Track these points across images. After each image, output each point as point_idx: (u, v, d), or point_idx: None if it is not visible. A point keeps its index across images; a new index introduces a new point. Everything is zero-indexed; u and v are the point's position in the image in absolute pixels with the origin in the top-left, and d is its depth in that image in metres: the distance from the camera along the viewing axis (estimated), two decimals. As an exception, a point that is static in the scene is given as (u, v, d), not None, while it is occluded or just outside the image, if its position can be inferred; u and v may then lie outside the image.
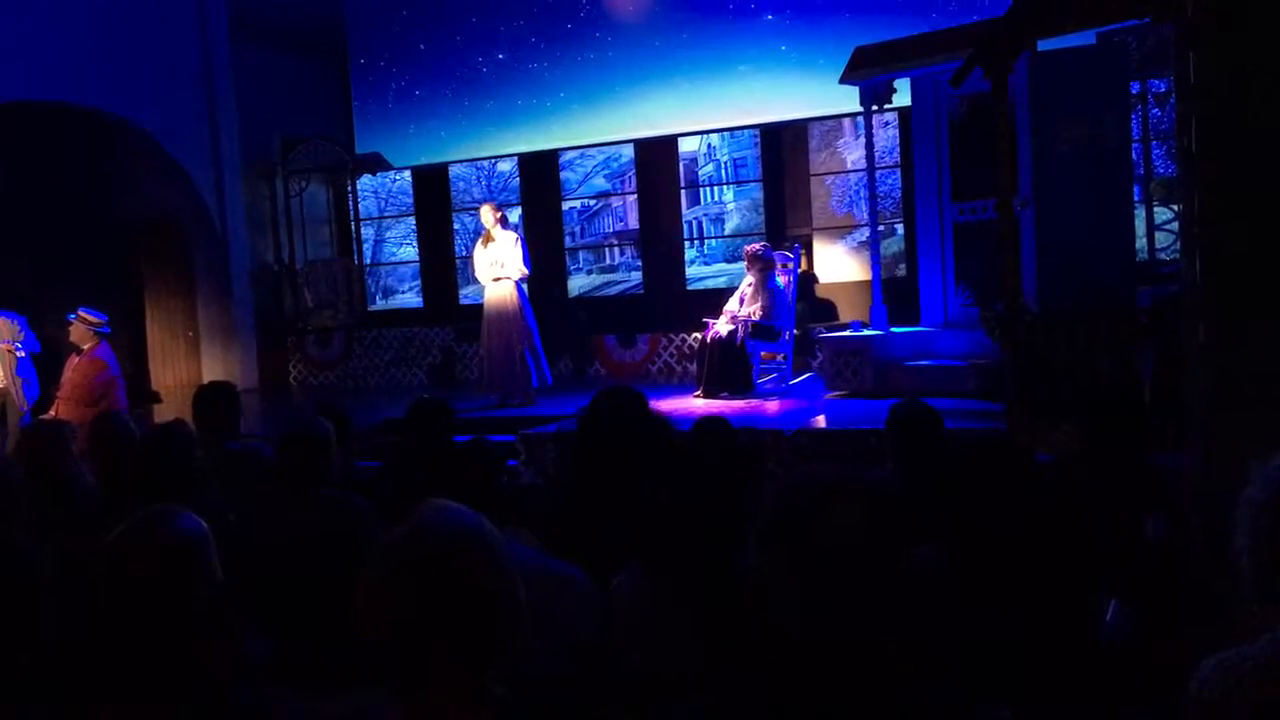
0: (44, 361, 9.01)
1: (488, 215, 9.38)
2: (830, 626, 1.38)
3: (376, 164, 13.71)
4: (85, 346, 8.09)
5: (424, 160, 13.56)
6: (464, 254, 13.19)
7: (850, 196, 11.42)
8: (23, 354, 8.65)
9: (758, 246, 9.25)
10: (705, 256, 12.34)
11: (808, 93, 11.02)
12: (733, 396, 8.64)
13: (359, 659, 2.18)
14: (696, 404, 8.54)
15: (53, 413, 7.77)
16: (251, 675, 2.02)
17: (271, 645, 2.42)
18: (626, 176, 12.66)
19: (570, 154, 12.83)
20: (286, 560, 3.19)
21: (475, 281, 10.07)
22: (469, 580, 1.49)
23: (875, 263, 9.37)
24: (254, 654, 2.29)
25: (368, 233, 14.12)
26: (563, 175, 12.93)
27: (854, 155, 11.24)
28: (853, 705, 1.37)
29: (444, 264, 13.63)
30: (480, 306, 9.68)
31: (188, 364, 13.28)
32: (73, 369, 8.09)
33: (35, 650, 2.27)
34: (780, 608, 1.41)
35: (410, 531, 1.54)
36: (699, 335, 9.41)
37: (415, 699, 1.49)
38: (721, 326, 8.89)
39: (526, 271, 9.35)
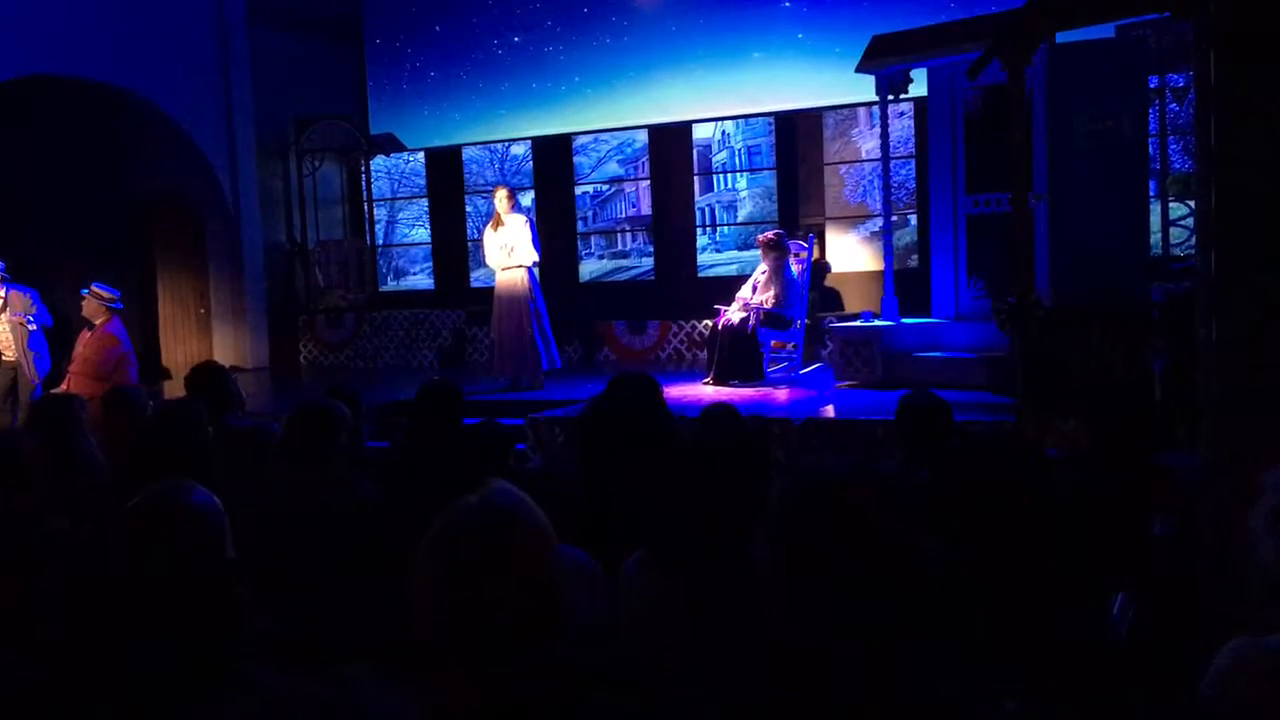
0: (56, 335, 9.04)
1: (502, 201, 9.34)
2: (838, 618, 1.38)
3: (390, 145, 13.71)
4: (97, 321, 8.12)
5: (437, 142, 13.55)
6: (476, 236, 13.19)
7: (864, 186, 11.39)
8: (35, 327, 8.69)
9: (773, 234, 9.22)
10: (717, 244, 12.32)
11: (823, 81, 10.98)
12: (742, 385, 8.63)
13: (353, 636, 2.19)
14: (706, 391, 8.53)
15: (64, 387, 7.80)
16: (250, 650, 2.03)
17: (269, 621, 2.43)
18: (640, 162, 12.64)
19: (584, 139, 12.81)
20: (287, 537, 3.20)
21: (483, 263, 10.03)
22: (530, 564, 1.50)
23: (888, 253, 9.34)
24: (253, 629, 2.30)
25: (380, 214, 14.13)
26: (576, 160, 12.92)
27: (868, 145, 11.21)
28: (859, 696, 1.37)
29: (456, 246, 13.63)
30: (491, 289, 9.68)
31: (198, 342, 13.32)
32: (84, 344, 8.12)
33: (44, 624, 2.28)
34: (788, 598, 1.41)
35: (478, 512, 1.54)
36: (709, 322, 9.40)
37: (444, 677, 1.49)
38: (734, 314, 8.87)
39: (536, 256, 9.32)
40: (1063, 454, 4.55)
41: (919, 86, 9.13)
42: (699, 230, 12.32)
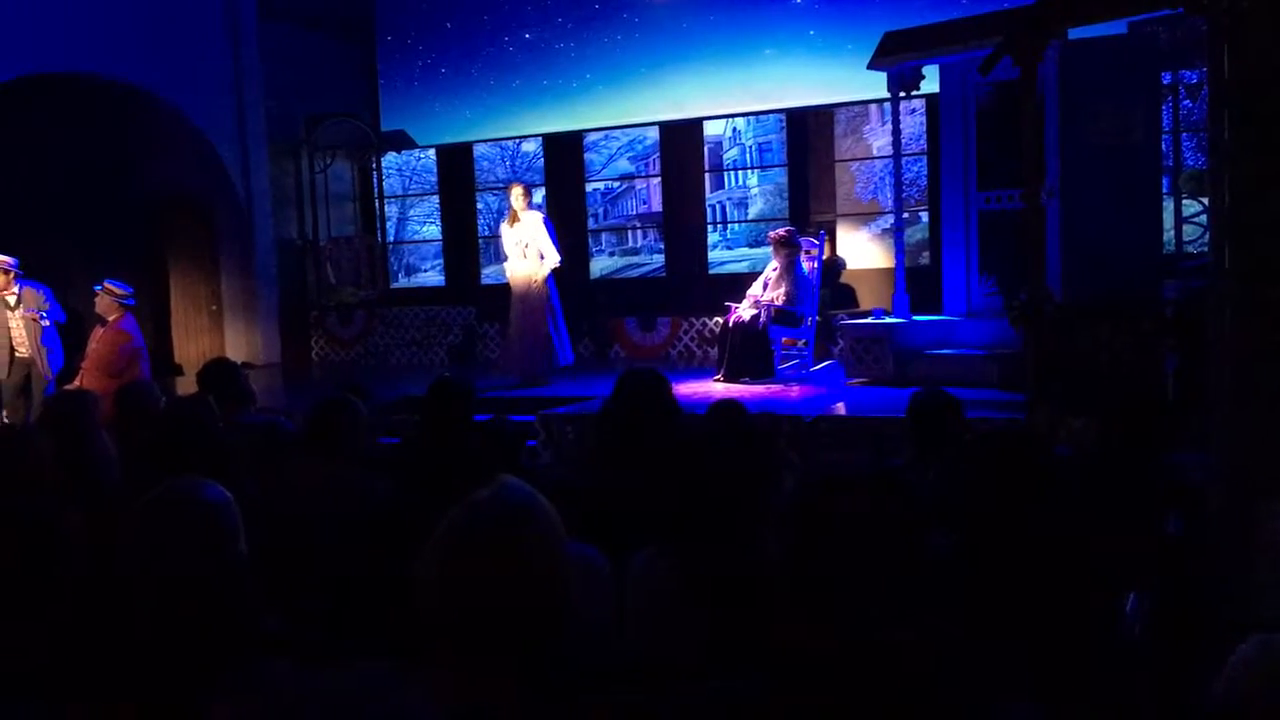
0: (69, 332, 9.08)
1: (518, 198, 9.32)
2: (848, 616, 1.38)
3: (401, 142, 13.73)
4: (110, 318, 8.16)
5: (449, 139, 13.56)
6: (486, 234, 13.23)
7: (875, 183, 11.36)
8: (48, 323, 8.72)
9: (784, 231, 9.22)
10: (728, 241, 12.31)
11: (834, 78, 10.95)
12: (753, 382, 8.63)
13: (366, 633, 2.19)
14: (717, 388, 8.52)
15: (77, 383, 7.84)
16: (262, 646, 2.03)
17: (282, 617, 2.44)
18: (651, 159, 12.63)
19: (595, 135, 12.81)
20: (299, 533, 3.21)
21: (502, 259, 9.96)
22: (538, 560, 1.50)
23: (899, 250, 9.32)
24: (266, 626, 2.31)
25: (391, 210, 14.16)
26: (587, 157, 12.91)
27: (880, 141, 11.18)
28: (869, 696, 1.37)
29: (467, 243, 13.65)
30: (502, 285, 9.66)
31: (210, 338, 13.36)
32: (97, 340, 8.17)
33: (58, 620, 2.29)
34: (798, 595, 1.41)
35: (486, 508, 1.54)
36: (720, 319, 9.39)
37: (453, 674, 1.49)
38: (744, 311, 8.87)
39: (559, 258, 9.30)
40: (1074, 452, 4.54)
41: (931, 83, 9.11)
42: (710, 227, 12.31)
